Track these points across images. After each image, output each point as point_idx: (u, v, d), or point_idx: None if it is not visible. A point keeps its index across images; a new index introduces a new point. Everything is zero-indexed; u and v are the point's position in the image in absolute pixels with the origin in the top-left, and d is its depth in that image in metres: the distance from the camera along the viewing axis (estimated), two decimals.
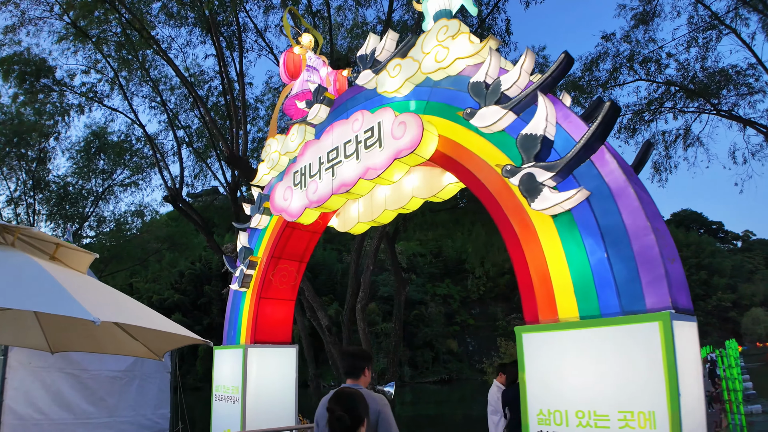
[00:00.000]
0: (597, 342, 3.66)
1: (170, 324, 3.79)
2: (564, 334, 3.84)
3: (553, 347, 3.86)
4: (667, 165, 16.31)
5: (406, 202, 6.58)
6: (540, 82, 4.38)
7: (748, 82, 12.31)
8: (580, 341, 3.74)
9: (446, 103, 5.29)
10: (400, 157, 5.25)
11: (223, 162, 15.44)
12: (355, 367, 3.31)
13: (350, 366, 3.32)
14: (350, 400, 2.57)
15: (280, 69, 7.95)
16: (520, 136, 4.32)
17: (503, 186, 4.54)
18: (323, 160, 6.35)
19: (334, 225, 7.71)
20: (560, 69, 4.36)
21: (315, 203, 6.26)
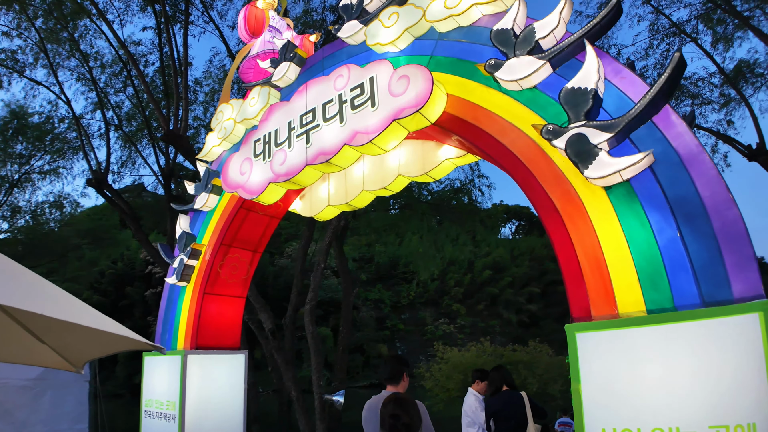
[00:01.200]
0: (674, 342, 2.90)
1: (105, 321, 2.56)
2: (630, 332, 3.04)
3: (618, 349, 3.05)
4: None
5: (390, 182, 5.62)
6: (587, 29, 3.61)
7: (700, 93, 12.59)
8: (652, 341, 2.96)
9: (457, 57, 4.41)
10: (401, 118, 4.29)
11: (157, 146, 13.63)
12: (397, 372, 3.41)
13: (393, 371, 3.41)
14: (412, 405, 2.76)
15: (240, 24, 6.74)
16: (565, 91, 3.52)
17: (537, 152, 3.71)
18: (294, 125, 5.25)
19: (296, 209, 6.57)
20: (609, 17, 3.62)
21: (283, 176, 5.14)
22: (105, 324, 2.49)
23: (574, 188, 3.49)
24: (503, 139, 3.89)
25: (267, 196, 5.44)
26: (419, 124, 4.39)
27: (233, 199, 6.05)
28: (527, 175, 3.73)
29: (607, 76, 3.55)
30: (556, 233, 3.51)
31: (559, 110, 3.66)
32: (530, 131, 3.76)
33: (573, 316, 3.35)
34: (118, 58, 13.40)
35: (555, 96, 3.74)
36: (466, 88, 4.25)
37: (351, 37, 5.29)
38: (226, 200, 6.14)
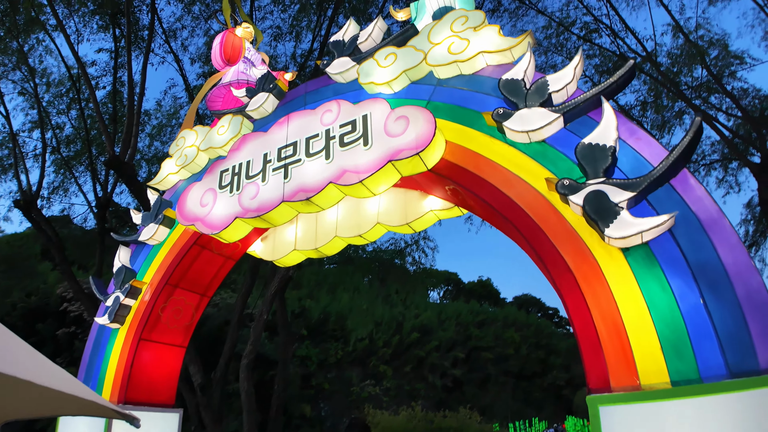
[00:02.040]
0: (703, 416, 2.65)
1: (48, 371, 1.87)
2: (657, 406, 2.75)
3: (644, 424, 2.74)
4: None
5: (367, 230, 5.22)
6: (604, 86, 3.56)
7: None
8: (680, 416, 2.69)
9: (457, 104, 4.24)
10: (397, 159, 3.99)
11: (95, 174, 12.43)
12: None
13: None
14: None
15: (215, 50, 6.34)
16: (582, 147, 3.38)
17: (547, 207, 3.49)
18: (271, 158, 4.80)
19: (256, 251, 5.98)
20: (626, 77, 3.59)
21: (253, 212, 4.61)
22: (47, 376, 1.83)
23: (589, 248, 3.27)
24: (509, 190, 3.66)
25: (230, 233, 4.85)
26: (415, 169, 4.10)
27: (186, 234, 5.39)
28: (535, 230, 3.48)
29: (622, 136, 3.46)
30: (571, 295, 3.24)
31: (571, 166, 3.52)
32: (539, 185, 3.56)
33: (590, 386, 3.03)
34: (68, 75, 12.38)
35: (566, 151, 3.60)
36: (466, 136, 4.04)
37: (341, 73, 5.04)
38: (178, 234, 5.46)
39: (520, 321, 56.39)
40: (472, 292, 67.10)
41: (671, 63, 13.07)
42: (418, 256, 16.51)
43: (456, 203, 4.58)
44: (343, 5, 12.90)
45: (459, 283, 72.43)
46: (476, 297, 64.60)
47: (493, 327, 52.26)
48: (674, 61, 13.15)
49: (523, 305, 78.58)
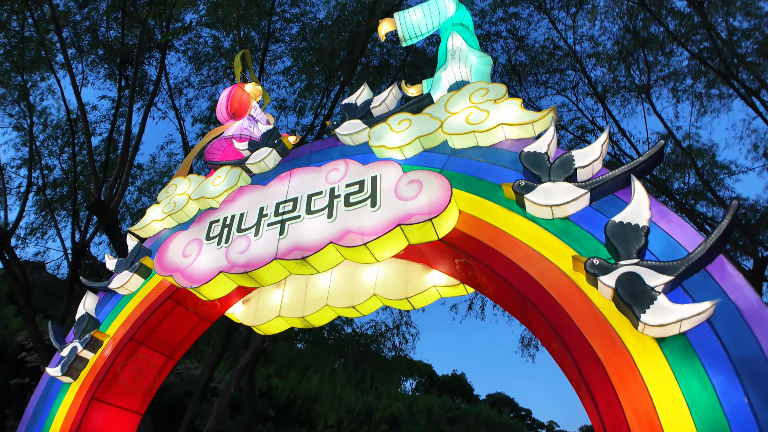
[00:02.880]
0: None
1: None
2: None
3: None
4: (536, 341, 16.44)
5: (361, 301, 4.80)
6: (634, 165, 3.38)
7: None
8: None
9: (473, 175, 4.03)
10: (407, 224, 3.68)
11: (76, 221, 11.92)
12: None
13: None
14: None
15: (222, 102, 6.22)
16: (613, 225, 3.13)
17: (572, 288, 3.16)
18: (268, 212, 4.47)
19: (235, 314, 5.46)
20: (655, 156, 3.43)
21: (240, 267, 4.20)
22: None
23: (620, 336, 2.91)
24: (529, 267, 3.34)
25: (211, 289, 4.40)
26: (425, 237, 3.79)
27: (161, 286, 4.90)
28: (559, 313, 3.12)
29: (653, 217, 3.23)
30: (601, 390, 2.82)
31: (597, 246, 3.25)
32: (563, 264, 3.26)
33: None
34: (66, 117, 12.25)
35: (592, 230, 3.35)
36: (482, 207, 3.79)
37: (351, 135, 4.87)
38: (152, 286, 4.97)
39: (493, 420, 54.02)
40: (446, 385, 64.70)
41: (660, 169, 13.45)
42: (399, 342, 15.80)
43: (463, 280, 4.22)
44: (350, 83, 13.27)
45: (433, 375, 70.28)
46: (449, 391, 62.16)
47: (465, 424, 49.83)
48: (663, 168, 13.55)
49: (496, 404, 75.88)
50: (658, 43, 13.97)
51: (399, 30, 5.58)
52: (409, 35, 5.59)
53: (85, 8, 11.97)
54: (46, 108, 13.30)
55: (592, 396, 2.85)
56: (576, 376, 3.01)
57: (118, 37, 12.02)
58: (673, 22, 13.26)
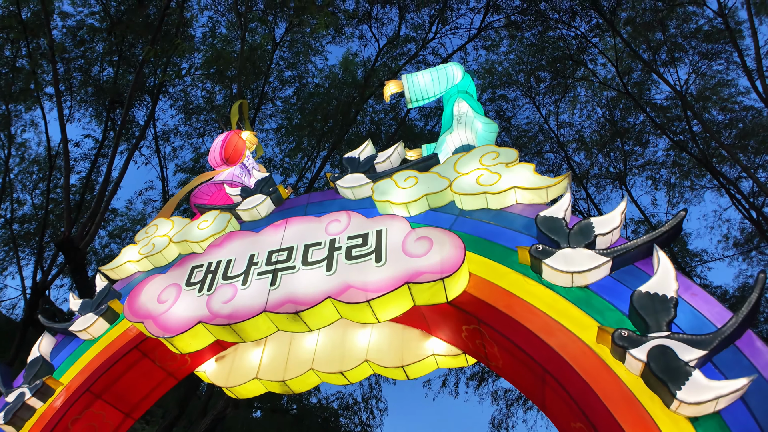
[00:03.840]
0: None
1: None
2: None
3: None
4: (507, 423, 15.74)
5: (351, 367, 4.38)
6: (657, 235, 3.25)
7: None
8: None
9: (483, 237, 3.84)
10: (416, 282, 3.41)
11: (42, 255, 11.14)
12: None
13: None
14: None
15: (215, 147, 6.02)
16: (639, 295, 2.93)
17: (597, 363, 2.89)
18: (258, 260, 4.15)
19: (206, 372, 4.93)
20: (676, 227, 3.32)
21: (223, 318, 3.80)
22: None
23: (650, 415, 2.63)
24: (549, 339, 3.07)
25: (186, 341, 3.95)
26: (433, 298, 3.51)
27: (128, 334, 4.41)
28: (584, 389, 2.83)
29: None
30: None
31: (621, 318, 3.04)
32: (585, 336, 3.01)
33: None
34: (47, 149, 11.80)
35: (614, 301, 3.15)
36: (495, 271, 3.56)
37: (353, 188, 4.68)
38: (118, 333, 4.46)
39: None
40: None
41: None
42: (366, 417, 14.88)
43: (466, 349, 3.90)
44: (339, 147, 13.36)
45: None
46: None
47: None
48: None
49: None
50: (635, 132, 14.68)
51: (406, 92, 5.59)
52: (416, 97, 5.60)
53: (81, 47, 11.94)
54: (26, 141, 12.88)
55: None
56: None
57: (110, 77, 11.93)
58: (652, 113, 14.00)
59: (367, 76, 14.48)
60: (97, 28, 13.13)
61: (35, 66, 10.80)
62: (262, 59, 14.77)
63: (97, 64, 12.39)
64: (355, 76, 15.67)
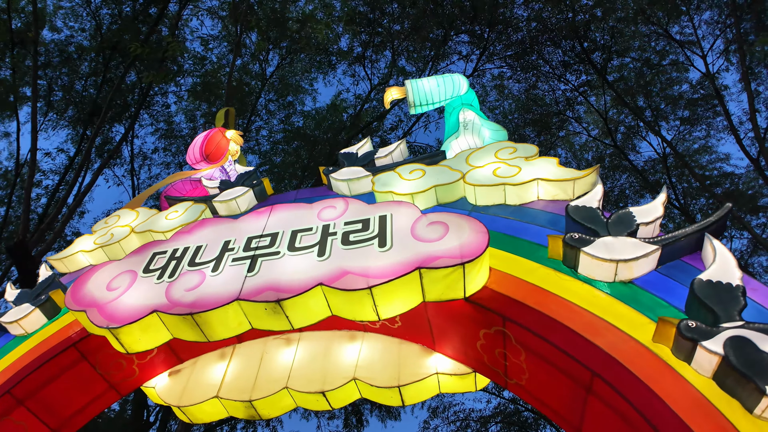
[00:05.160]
0: None
1: None
2: None
3: None
4: None
5: (335, 387, 3.66)
6: (706, 224, 2.81)
7: None
8: None
9: (503, 233, 3.32)
10: (430, 267, 2.83)
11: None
12: None
13: None
14: None
15: (196, 143, 5.45)
16: (701, 283, 2.44)
17: (658, 364, 2.32)
18: (235, 246, 3.51)
19: (155, 388, 4.11)
20: (724, 218, 2.89)
21: (185, 307, 3.10)
22: None
23: (731, 422, 2.05)
24: (596, 338, 2.49)
25: (134, 335, 3.20)
26: (448, 291, 2.91)
27: (66, 331, 3.63)
28: (646, 396, 2.23)
29: None
30: None
31: (677, 314, 2.53)
32: (639, 336, 2.45)
33: None
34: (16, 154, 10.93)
35: (665, 296, 2.65)
36: (522, 267, 3.02)
37: (350, 181, 4.16)
38: (55, 329, 3.67)
39: None
40: None
41: None
42: None
43: (479, 366, 3.25)
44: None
45: None
46: None
47: None
48: None
49: None
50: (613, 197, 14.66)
51: (410, 95, 5.22)
52: (420, 101, 5.22)
53: (66, 65, 11.53)
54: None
55: None
56: None
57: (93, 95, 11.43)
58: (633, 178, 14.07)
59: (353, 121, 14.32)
60: (85, 47, 12.80)
61: (17, 78, 10.24)
62: (249, 94, 14.54)
63: (81, 83, 11.96)
64: (342, 119, 15.50)
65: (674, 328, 2.29)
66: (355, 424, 13.74)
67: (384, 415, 14.07)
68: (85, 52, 12.71)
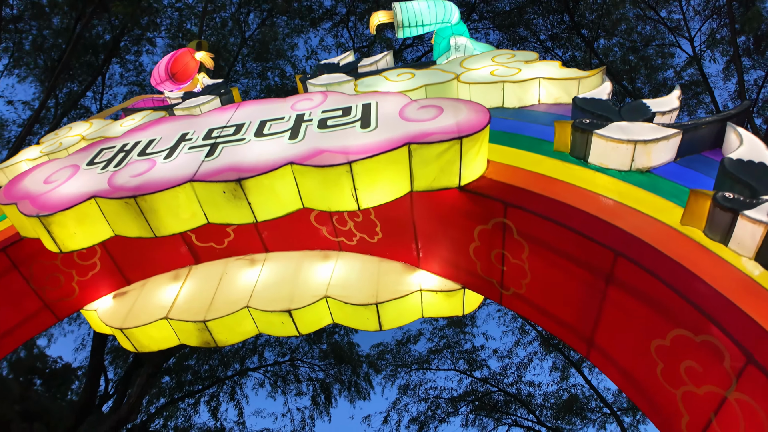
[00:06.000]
0: None
1: None
2: None
3: None
4: None
5: (304, 304, 3.22)
6: (726, 114, 2.52)
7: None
8: None
9: (504, 131, 2.95)
10: (422, 143, 2.41)
11: None
12: None
13: None
14: None
15: (161, 62, 4.89)
16: (732, 162, 2.14)
17: (689, 245, 1.97)
18: (194, 137, 3.03)
19: (96, 311, 3.60)
20: (744, 112, 2.58)
21: (128, 191, 2.62)
22: None
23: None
24: (617, 221, 2.12)
25: (69, 228, 2.71)
26: (442, 177, 2.49)
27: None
28: (683, 276, 1.86)
29: None
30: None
31: None
32: (667, 219, 2.09)
33: None
34: None
35: (689, 185, 2.28)
36: (527, 159, 2.65)
37: (332, 86, 3.70)
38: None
39: None
40: None
41: None
42: None
43: (471, 278, 2.86)
44: None
45: None
46: None
47: None
48: None
49: None
50: None
51: (397, 15, 4.78)
52: (409, 22, 4.79)
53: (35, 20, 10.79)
54: None
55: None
56: (734, 369, 1.68)
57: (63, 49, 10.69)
58: None
59: None
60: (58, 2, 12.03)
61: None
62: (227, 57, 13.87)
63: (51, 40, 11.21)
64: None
65: (709, 200, 1.94)
66: (323, 402, 13.31)
67: (354, 395, 13.67)
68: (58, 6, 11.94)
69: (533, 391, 12.75)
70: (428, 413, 13.01)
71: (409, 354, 13.39)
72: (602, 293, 2.14)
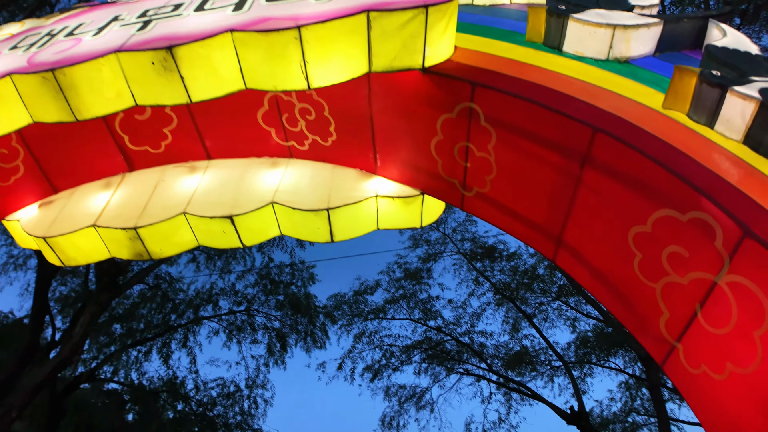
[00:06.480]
0: None
1: None
2: None
3: None
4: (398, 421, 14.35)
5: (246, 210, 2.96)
6: (711, 13, 2.41)
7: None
8: None
9: (476, 24, 2.71)
10: (382, 10, 2.13)
11: None
12: None
13: None
14: None
15: None
16: (720, 50, 2.00)
17: (673, 125, 1.82)
18: (126, 17, 2.65)
19: (19, 221, 3.23)
20: (730, 12, 2.46)
21: (47, 65, 2.27)
22: None
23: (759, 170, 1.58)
24: (596, 101, 1.94)
25: None
26: (404, 55, 2.24)
27: None
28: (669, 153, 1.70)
29: None
30: None
31: None
32: (649, 102, 1.93)
33: None
34: None
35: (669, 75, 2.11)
36: (499, 47, 2.44)
37: None
38: None
39: None
40: None
41: None
42: (248, 406, 12.97)
43: (431, 180, 2.66)
44: None
45: None
46: None
47: None
48: None
49: None
50: None
51: None
52: None
53: None
54: None
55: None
56: (727, 247, 1.54)
57: None
58: None
59: None
60: None
61: None
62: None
63: None
64: None
65: (695, 77, 1.78)
66: (279, 350, 13.20)
67: (309, 344, 13.61)
68: None
69: (485, 341, 13.00)
70: (382, 361, 13.14)
71: (366, 304, 13.37)
72: (576, 179, 1.98)
